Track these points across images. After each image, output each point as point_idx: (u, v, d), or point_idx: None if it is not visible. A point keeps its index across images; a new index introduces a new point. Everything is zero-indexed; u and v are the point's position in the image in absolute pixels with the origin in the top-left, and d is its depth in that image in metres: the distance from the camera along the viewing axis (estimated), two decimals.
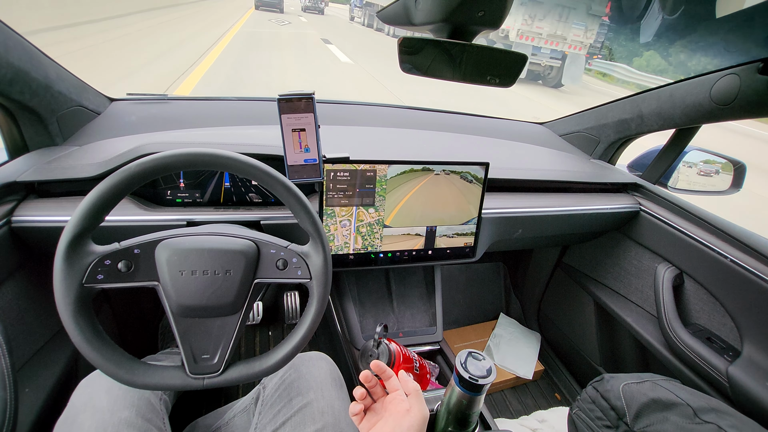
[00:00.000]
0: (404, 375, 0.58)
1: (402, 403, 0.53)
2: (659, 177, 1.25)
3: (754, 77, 0.86)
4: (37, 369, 0.84)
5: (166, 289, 0.57)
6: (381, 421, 0.52)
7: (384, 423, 0.52)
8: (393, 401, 0.53)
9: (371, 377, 0.56)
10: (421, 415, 0.52)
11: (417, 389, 0.55)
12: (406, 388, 0.55)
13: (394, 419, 0.51)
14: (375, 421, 0.54)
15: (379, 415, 0.54)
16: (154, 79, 5.16)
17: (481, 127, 1.43)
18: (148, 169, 0.54)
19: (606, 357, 1.38)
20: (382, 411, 0.54)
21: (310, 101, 0.75)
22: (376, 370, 0.56)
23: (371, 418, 0.55)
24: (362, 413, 0.55)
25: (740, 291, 0.94)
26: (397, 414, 0.51)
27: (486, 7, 0.55)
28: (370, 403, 0.57)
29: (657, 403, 0.62)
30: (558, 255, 1.53)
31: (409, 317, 1.13)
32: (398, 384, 0.56)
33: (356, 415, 0.55)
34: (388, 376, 0.56)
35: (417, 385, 0.56)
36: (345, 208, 0.90)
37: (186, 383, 0.58)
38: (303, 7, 24.90)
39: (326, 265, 0.62)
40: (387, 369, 0.57)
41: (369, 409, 0.56)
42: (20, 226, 0.74)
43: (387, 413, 0.53)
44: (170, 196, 0.86)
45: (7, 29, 0.72)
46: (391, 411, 0.52)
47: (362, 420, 0.55)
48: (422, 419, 0.52)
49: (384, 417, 0.53)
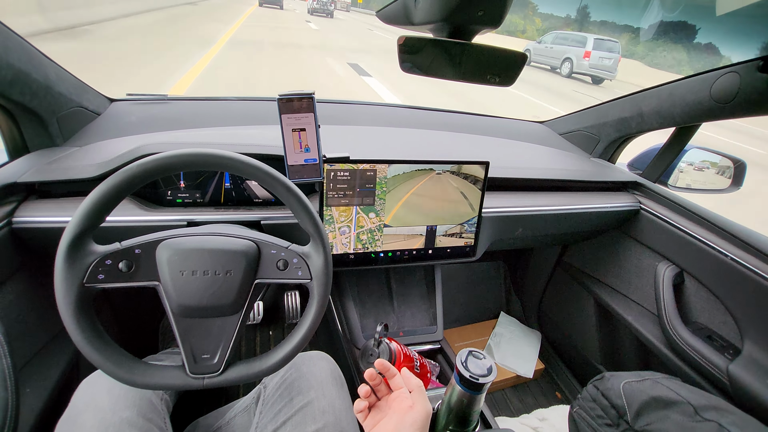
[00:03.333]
0: (407, 372, 0.58)
1: (405, 399, 0.53)
2: (659, 175, 1.25)
3: (754, 75, 0.86)
4: (39, 369, 0.84)
5: (167, 289, 0.57)
6: (385, 418, 0.53)
7: (388, 420, 0.52)
8: (397, 398, 0.54)
9: (376, 375, 0.57)
10: (424, 411, 0.52)
11: (419, 385, 0.56)
12: (409, 385, 0.55)
13: (397, 416, 0.51)
14: (379, 418, 0.54)
15: (384, 413, 0.54)
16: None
17: (481, 126, 1.43)
18: (148, 170, 0.54)
19: (606, 355, 1.38)
20: (386, 408, 0.55)
21: (310, 101, 0.75)
22: (381, 369, 0.57)
23: (375, 415, 0.55)
24: (367, 411, 0.56)
25: (741, 289, 0.94)
26: (401, 411, 0.52)
27: (486, 7, 0.55)
28: (374, 401, 0.57)
29: (658, 402, 0.62)
30: (558, 254, 1.53)
31: (409, 316, 1.13)
32: (402, 382, 0.56)
33: (361, 413, 0.55)
34: (392, 374, 0.57)
35: (419, 381, 0.56)
36: (344, 213, 0.90)
37: (186, 383, 0.58)
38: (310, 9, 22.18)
39: (327, 266, 0.62)
40: (391, 367, 0.57)
41: (374, 407, 0.57)
42: (21, 227, 0.74)
43: (391, 410, 0.53)
44: (171, 197, 0.86)
45: (7, 30, 0.72)
46: (395, 408, 0.53)
47: (367, 417, 0.55)
48: (425, 415, 0.52)
49: (388, 414, 0.53)
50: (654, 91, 1.13)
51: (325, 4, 22.01)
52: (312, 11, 22.11)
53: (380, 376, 0.57)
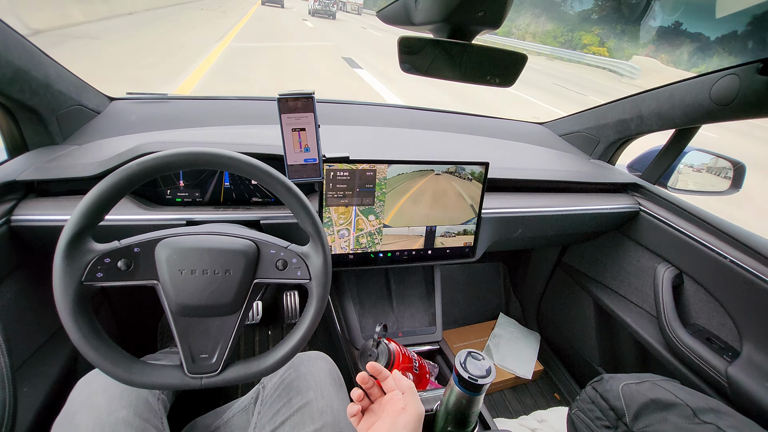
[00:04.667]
0: (398, 374, 0.58)
1: (398, 402, 0.53)
2: (659, 177, 1.25)
3: (753, 77, 0.86)
4: (36, 368, 0.84)
5: (166, 288, 0.57)
6: (379, 421, 0.53)
7: (381, 423, 0.52)
8: (390, 401, 0.54)
9: (368, 379, 0.57)
10: (416, 413, 0.52)
11: (411, 386, 0.56)
12: (400, 387, 0.55)
13: (390, 418, 0.51)
14: (373, 421, 0.54)
15: (377, 416, 0.54)
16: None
17: (481, 127, 1.43)
18: (148, 169, 0.54)
19: (605, 357, 1.38)
20: (380, 411, 0.55)
21: (310, 101, 0.75)
22: (372, 372, 0.57)
23: (369, 418, 0.55)
24: (360, 414, 0.56)
25: (740, 291, 0.94)
26: (394, 413, 0.52)
27: (486, 7, 0.55)
28: (368, 404, 0.57)
29: (656, 404, 0.62)
30: (558, 255, 1.53)
31: (408, 317, 1.13)
32: (394, 384, 0.56)
33: (354, 416, 0.55)
34: (384, 376, 0.57)
35: (410, 382, 0.56)
36: (343, 216, 0.90)
37: (184, 383, 0.58)
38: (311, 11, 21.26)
39: (326, 266, 0.62)
40: (383, 370, 0.57)
41: (367, 410, 0.57)
42: (20, 225, 0.74)
43: (384, 413, 0.53)
44: (170, 196, 0.86)
45: (7, 28, 0.72)
46: (388, 411, 0.53)
47: (360, 421, 0.55)
48: (417, 416, 0.52)
49: (382, 417, 0.53)
50: (654, 93, 1.13)
51: (327, 5, 21.20)
52: (313, 12, 21.37)
53: (372, 379, 0.57)
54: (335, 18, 22.20)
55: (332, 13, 21.78)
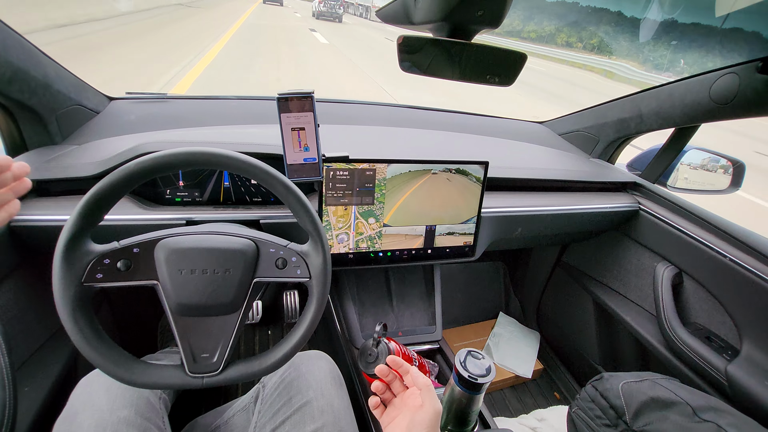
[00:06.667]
0: (415, 371, 0.58)
1: (417, 398, 0.54)
2: (659, 176, 1.25)
3: (753, 76, 0.86)
4: (37, 368, 0.84)
5: (166, 288, 0.57)
6: (400, 415, 0.54)
7: (402, 417, 0.53)
8: (410, 396, 0.55)
9: (387, 371, 0.57)
10: (433, 410, 0.52)
11: (428, 384, 0.56)
12: (417, 384, 0.56)
13: (410, 414, 0.52)
14: (395, 414, 0.55)
15: (399, 409, 0.55)
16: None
17: (481, 126, 1.43)
18: (147, 168, 0.54)
19: (605, 356, 1.38)
20: (401, 405, 0.55)
21: (310, 100, 0.75)
22: (393, 365, 0.57)
23: (391, 411, 0.56)
24: (382, 406, 0.56)
25: (739, 290, 0.94)
26: (413, 408, 0.53)
27: (485, 7, 0.55)
28: (390, 397, 0.58)
29: (656, 402, 0.62)
30: (557, 254, 1.53)
31: (408, 316, 1.13)
32: (413, 380, 0.56)
33: (377, 408, 0.56)
34: (405, 370, 0.57)
35: (428, 380, 0.56)
36: (342, 219, 0.90)
37: (185, 382, 0.58)
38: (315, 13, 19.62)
39: (326, 265, 0.62)
40: (404, 363, 0.57)
41: (390, 404, 0.57)
42: (19, 225, 0.74)
43: (405, 408, 0.54)
44: (169, 195, 0.86)
45: (6, 28, 0.71)
46: (409, 405, 0.53)
47: (383, 413, 0.56)
48: (434, 414, 0.52)
49: (403, 411, 0.54)
50: (653, 92, 1.13)
51: (333, 7, 19.63)
52: (318, 15, 19.70)
53: (393, 373, 0.57)
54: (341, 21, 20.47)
55: (338, 16, 20.22)
